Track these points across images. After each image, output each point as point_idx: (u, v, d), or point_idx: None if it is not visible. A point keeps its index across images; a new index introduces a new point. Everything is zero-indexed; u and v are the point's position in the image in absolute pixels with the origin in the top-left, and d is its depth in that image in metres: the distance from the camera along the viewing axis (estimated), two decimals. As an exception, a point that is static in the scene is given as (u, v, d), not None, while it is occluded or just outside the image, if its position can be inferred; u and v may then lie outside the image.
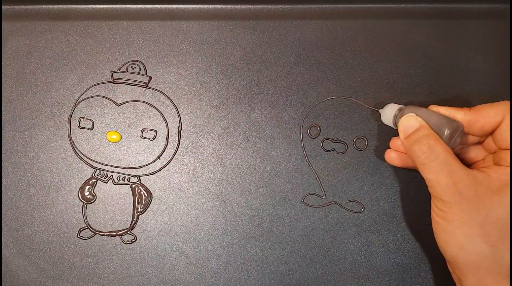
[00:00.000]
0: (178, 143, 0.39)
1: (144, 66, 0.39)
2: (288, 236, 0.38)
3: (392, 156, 0.36)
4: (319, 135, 0.39)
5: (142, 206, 0.38)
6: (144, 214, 0.38)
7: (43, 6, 0.40)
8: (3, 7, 0.40)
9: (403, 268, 0.37)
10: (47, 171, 0.38)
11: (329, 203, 0.38)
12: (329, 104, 0.39)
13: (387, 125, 0.35)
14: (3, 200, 0.38)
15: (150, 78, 0.39)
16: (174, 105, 0.39)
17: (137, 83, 0.39)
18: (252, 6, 0.40)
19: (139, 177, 0.38)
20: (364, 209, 0.38)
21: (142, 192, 0.38)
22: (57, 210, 0.38)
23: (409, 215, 0.38)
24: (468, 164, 0.35)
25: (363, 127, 0.39)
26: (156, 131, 0.39)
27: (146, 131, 0.39)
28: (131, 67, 0.39)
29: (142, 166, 0.38)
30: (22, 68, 0.39)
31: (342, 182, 0.38)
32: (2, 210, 0.38)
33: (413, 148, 0.31)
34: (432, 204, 0.32)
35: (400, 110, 0.34)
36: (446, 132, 0.31)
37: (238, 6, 0.40)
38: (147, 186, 0.38)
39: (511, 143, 0.30)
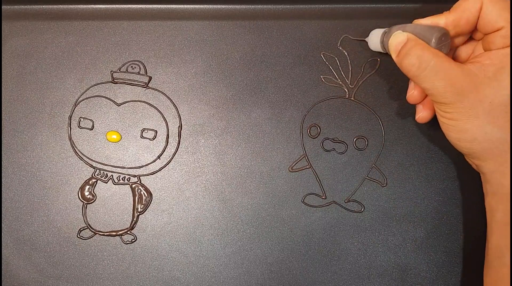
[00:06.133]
0: (178, 143, 0.39)
1: (144, 66, 0.39)
2: (288, 236, 0.37)
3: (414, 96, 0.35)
4: (319, 135, 0.39)
5: (142, 206, 0.38)
6: (144, 214, 0.38)
7: (43, 6, 0.40)
8: (3, 7, 0.40)
9: (403, 268, 0.37)
10: (47, 171, 0.38)
11: (329, 203, 0.38)
12: (329, 104, 0.39)
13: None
14: (3, 200, 0.38)
15: (150, 78, 0.39)
16: (174, 105, 0.39)
17: (137, 83, 0.39)
18: (252, 6, 0.40)
19: (139, 177, 0.38)
20: (364, 209, 0.38)
21: (142, 192, 0.38)
22: (57, 210, 0.38)
23: (410, 215, 0.38)
24: (462, 62, 0.34)
25: (363, 127, 0.39)
26: (156, 131, 0.39)
27: (146, 131, 0.39)
28: (131, 67, 0.39)
29: (142, 166, 0.38)
30: (22, 68, 0.39)
31: (342, 182, 0.38)
32: (2, 210, 0.38)
33: (404, 63, 0.31)
34: (436, 109, 0.32)
35: (385, 33, 0.34)
36: (433, 38, 0.31)
37: (238, 6, 0.40)
38: (147, 186, 0.38)
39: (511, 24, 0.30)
